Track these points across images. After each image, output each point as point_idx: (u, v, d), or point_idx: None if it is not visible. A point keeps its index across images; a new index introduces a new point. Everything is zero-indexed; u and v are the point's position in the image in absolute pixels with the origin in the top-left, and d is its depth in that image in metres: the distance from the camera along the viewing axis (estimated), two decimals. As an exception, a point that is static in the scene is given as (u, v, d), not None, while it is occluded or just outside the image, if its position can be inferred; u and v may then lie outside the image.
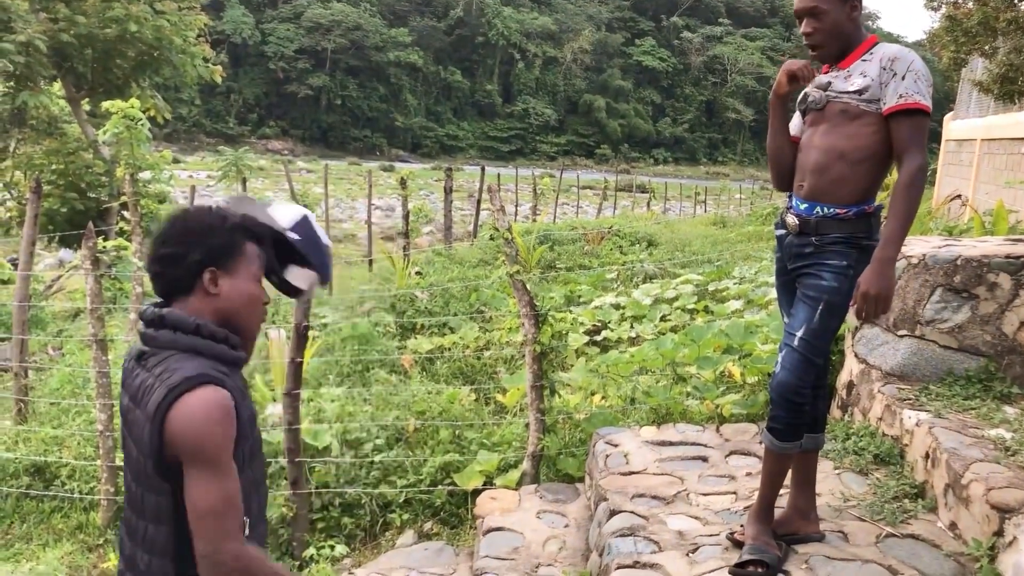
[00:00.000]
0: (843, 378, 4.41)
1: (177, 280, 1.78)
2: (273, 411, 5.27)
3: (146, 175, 11.51)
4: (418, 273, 10.47)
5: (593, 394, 5.41)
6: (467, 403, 5.69)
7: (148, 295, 8.96)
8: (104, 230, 10.79)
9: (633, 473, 3.85)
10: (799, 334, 2.85)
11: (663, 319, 7.34)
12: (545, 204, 23.03)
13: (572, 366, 6.24)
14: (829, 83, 2.87)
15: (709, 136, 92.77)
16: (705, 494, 3.62)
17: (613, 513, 3.45)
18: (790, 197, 3.02)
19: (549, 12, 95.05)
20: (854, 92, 2.78)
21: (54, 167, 12.48)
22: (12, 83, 12.67)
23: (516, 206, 22.87)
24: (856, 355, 4.26)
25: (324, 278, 2.03)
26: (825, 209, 2.83)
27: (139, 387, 1.73)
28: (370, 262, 13.02)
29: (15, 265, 7.02)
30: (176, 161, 14.06)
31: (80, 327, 9.47)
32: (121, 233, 9.88)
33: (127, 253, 8.10)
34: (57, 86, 13.64)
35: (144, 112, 11.15)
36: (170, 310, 1.77)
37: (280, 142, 75.17)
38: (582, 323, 7.38)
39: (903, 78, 2.71)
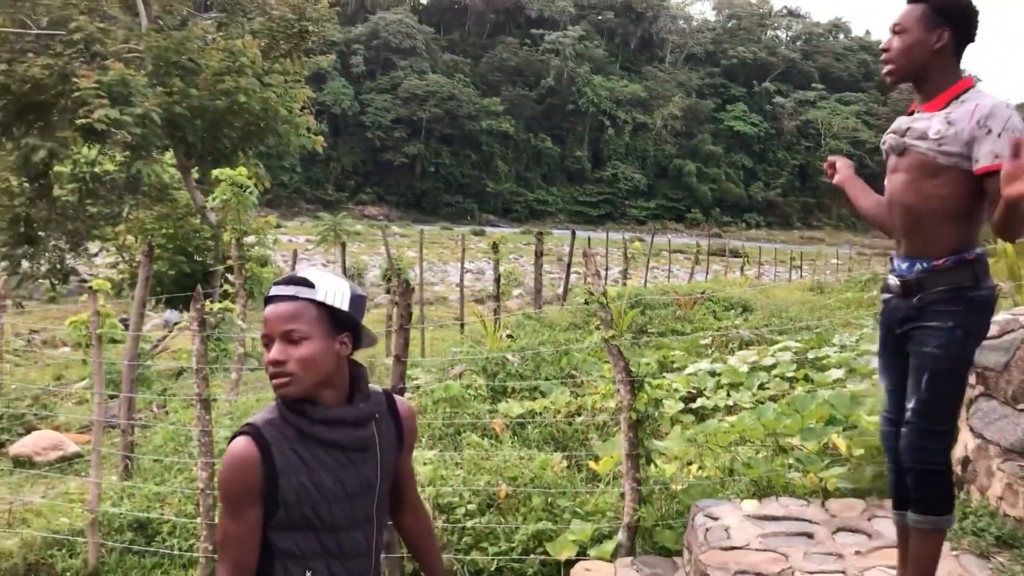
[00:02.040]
0: (958, 453, 4.18)
1: None
2: (367, 473, 5.29)
3: (251, 239, 11.96)
4: (509, 336, 10.49)
5: (690, 464, 5.27)
6: (559, 470, 5.60)
7: (250, 356, 9.23)
8: (209, 292, 11.21)
9: (734, 548, 3.71)
10: (911, 405, 2.76)
11: (761, 387, 7.13)
12: (635, 268, 22.92)
13: (667, 434, 6.10)
14: (908, 128, 2.76)
15: (803, 200, 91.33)
16: (811, 572, 3.46)
17: (714, 590, 3.32)
18: (892, 259, 2.93)
19: (639, 80, 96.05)
20: (932, 140, 2.65)
21: (164, 231, 13.09)
22: (128, 152, 13.42)
23: (606, 270, 22.82)
24: (971, 429, 4.04)
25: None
26: (923, 264, 2.73)
27: None
28: (461, 325, 13.14)
29: (126, 325, 7.34)
30: (277, 226, 14.60)
31: (183, 386, 9.79)
32: (225, 295, 10.25)
33: (232, 315, 8.37)
34: (169, 155, 14.39)
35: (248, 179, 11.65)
36: None
37: (376, 208, 77.35)
38: (676, 390, 7.24)
39: (999, 136, 2.54)
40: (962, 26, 2.72)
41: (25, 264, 14.27)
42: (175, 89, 13.17)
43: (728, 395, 6.99)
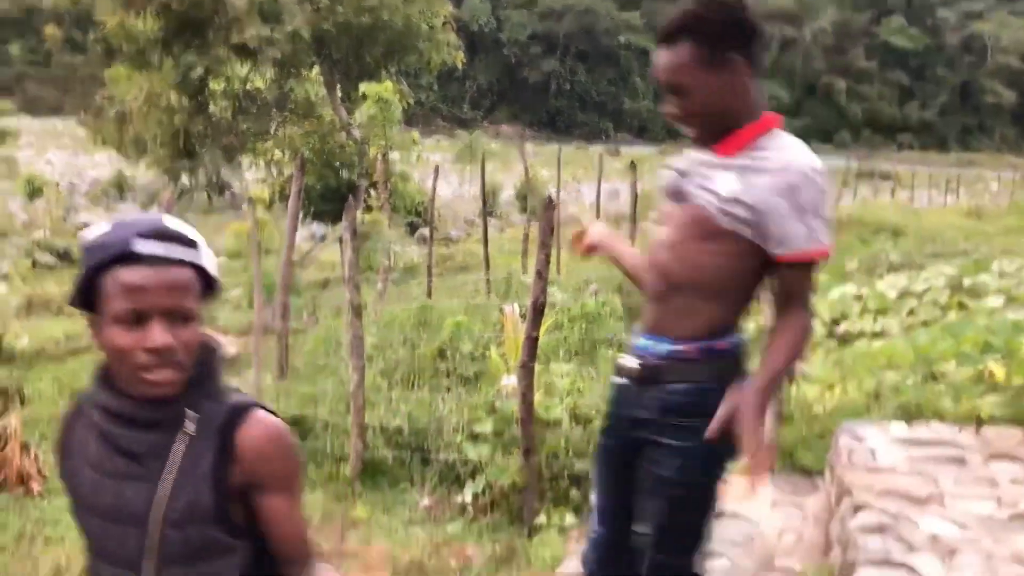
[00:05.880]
0: None
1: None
2: (508, 382, 5.46)
3: (394, 155, 12.24)
4: (645, 256, 10.42)
5: (832, 387, 5.17)
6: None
7: (393, 269, 9.56)
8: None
9: (880, 470, 3.64)
10: (644, 531, 2.17)
11: (910, 313, 6.87)
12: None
13: (808, 358, 5.99)
14: (695, 172, 2.13)
15: (963, 121, 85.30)
16: (962, 498, 3.37)
17: (858, 509, 3.29)
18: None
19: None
20: (722, 196, 2.02)
21: (311, 147, 13.55)
22: (277, 70, 13.88)
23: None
24: None
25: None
26: (664, 346, 2.12)
27: None
28: (597, 244, 13.13)
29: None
30: (414, 143, 14.86)
31: (331, 296, 10.26)
32: (368, 210, 10.58)
33: (382, 226, 8.63)
34: (315, 72, 14.80)
35: (392, 96, 11.89)
36: None
37: (510, 126, 77.39)
38: (819, 314, 7.06)
39: (814, 216, 1.95)
40: (749, 41, 2.06)
41: (184, 178, 15.13)
42: (322, 5, 13.45)
43: (875, 320, 6.77)
